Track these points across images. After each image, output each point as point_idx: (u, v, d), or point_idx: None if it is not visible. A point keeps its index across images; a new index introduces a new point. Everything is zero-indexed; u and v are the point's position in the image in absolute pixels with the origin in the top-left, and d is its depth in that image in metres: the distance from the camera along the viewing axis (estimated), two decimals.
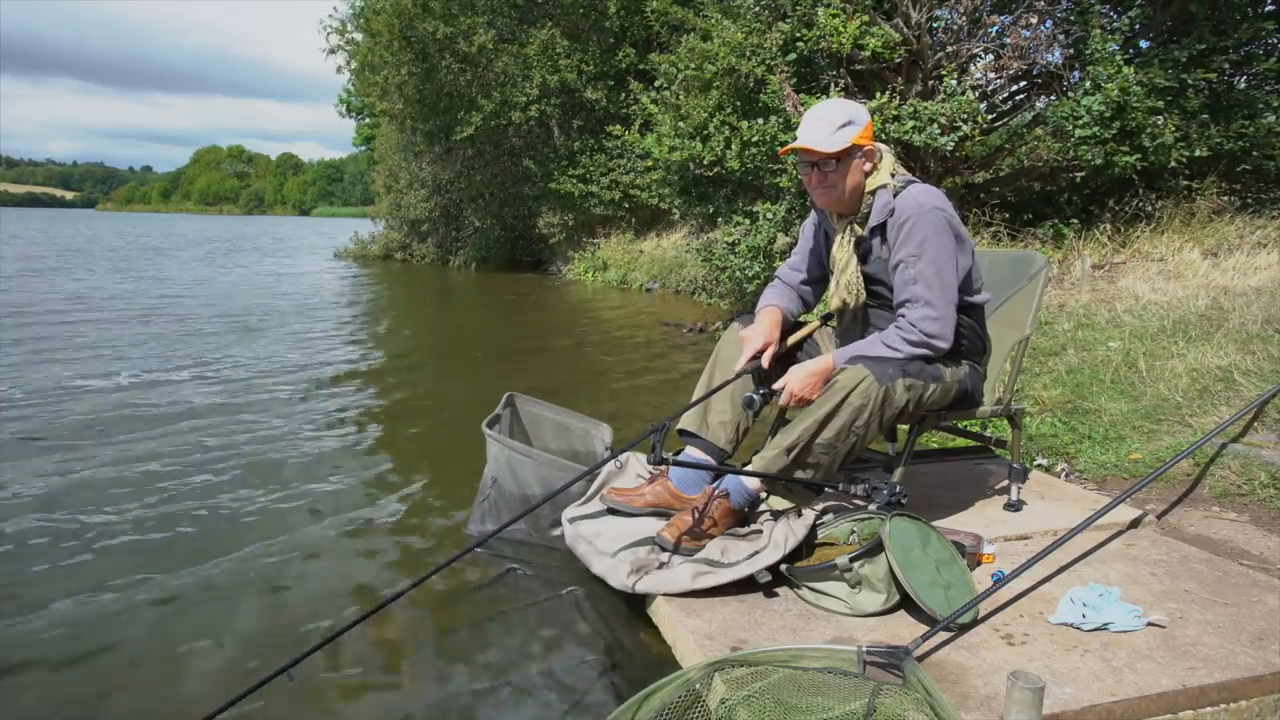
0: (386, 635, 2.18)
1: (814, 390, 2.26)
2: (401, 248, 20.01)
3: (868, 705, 1.45)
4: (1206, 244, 5.72)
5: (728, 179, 7.06)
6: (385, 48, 14.60)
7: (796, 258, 2.62)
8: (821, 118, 2.28)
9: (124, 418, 4.35)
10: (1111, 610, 1.93)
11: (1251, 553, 2.46)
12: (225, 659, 2.06)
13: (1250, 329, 3.91)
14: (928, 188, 2.29)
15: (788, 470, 2.21)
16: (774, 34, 6.31)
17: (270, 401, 4.82)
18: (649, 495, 2.47)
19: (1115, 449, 3.23)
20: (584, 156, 14.42)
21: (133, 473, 3.45)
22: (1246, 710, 1.70)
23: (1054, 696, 1.60)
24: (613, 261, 14.02)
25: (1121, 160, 5.75)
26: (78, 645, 2.12)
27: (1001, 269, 2.80)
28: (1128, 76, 5.49)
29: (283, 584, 2.48)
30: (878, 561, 1.97)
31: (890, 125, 5.80)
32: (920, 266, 2.23)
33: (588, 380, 5.80)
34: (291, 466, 3.61)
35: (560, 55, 13.95)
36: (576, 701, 1.89)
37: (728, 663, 1.61)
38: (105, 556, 2.63)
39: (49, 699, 1.90)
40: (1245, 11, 6.29)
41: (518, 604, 2.35)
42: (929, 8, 6.14)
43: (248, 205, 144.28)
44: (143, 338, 7.08)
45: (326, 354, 6.62)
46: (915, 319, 2.24)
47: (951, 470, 3.10)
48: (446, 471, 3.59)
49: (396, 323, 9.39)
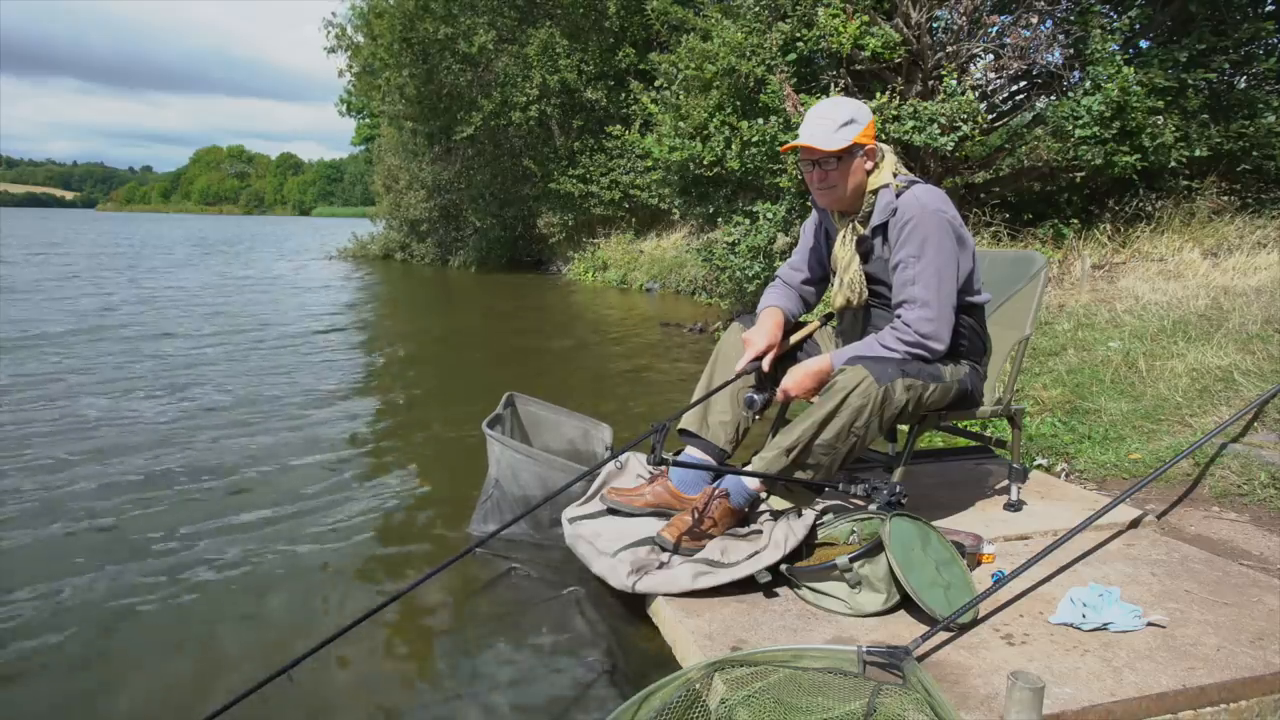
0: (387, 635, 2.19)
1: (810, 389, 2.26)
2: (401, 248, 20.01)
3: (868, 705, 1.45)
4: (1206, 244, 5.72)
5: (728, 179, 7.06)
6: (386, 49, 14.60)
7: (797, 258, 2.62)
8: (823, 116, 2.27)
9: (124, 417, 4.35)
10: (1111, 610, 1.93)
11: (1251, 553, 2.46)
12: (225, 659, 2.06)
13: (1250, 329, 3.91)
14: (930, 188, 2.29)
15: (788, 471, 2.21)
16: (774, 34, 6.31)
17: (269, 402, 4.82)
18: (649, 495, 2.47)
19: (1115, 449, 3.23)
20: (584, 156, 14.42)
21: (131, 473, 3.45)
22: (1246, 710, 1.70)
23: (1054, 696, 1.60)
24: (613, 261, 14.02)
25: (1121, 160, 5.75)
26: (77, 647, 2.12)
27: (1001, 269, 2.80)
28: (1128, 76, 5.49)
29: (282, 584, 2.48)
30: (878, 561, 1.97)
31: (890, 125, 5.80)
32: (920, 267, 2.23)
33: (588, 380, 5.80)
34: (291, 466, 3.61)
35: (560, 55, 13.94)
36: (576, 701, 1.89)
37: (728, 663, 1.61)
38: (104, 556, 2.63)
39: (48, 699, 1.90)
40: (1245, 11, 6.29)
41: (518, 604, 2.35)
42: (929, 8, 6.14)
43: (248, 205, 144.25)
44: (143, 338, 7.09)
45: (326, 354, 6.61)
46: (911, 320, 2.24)
47: (951, 470, 3.10)
48: (447, 471, 3.59)
49: (396, 323, 9.39)
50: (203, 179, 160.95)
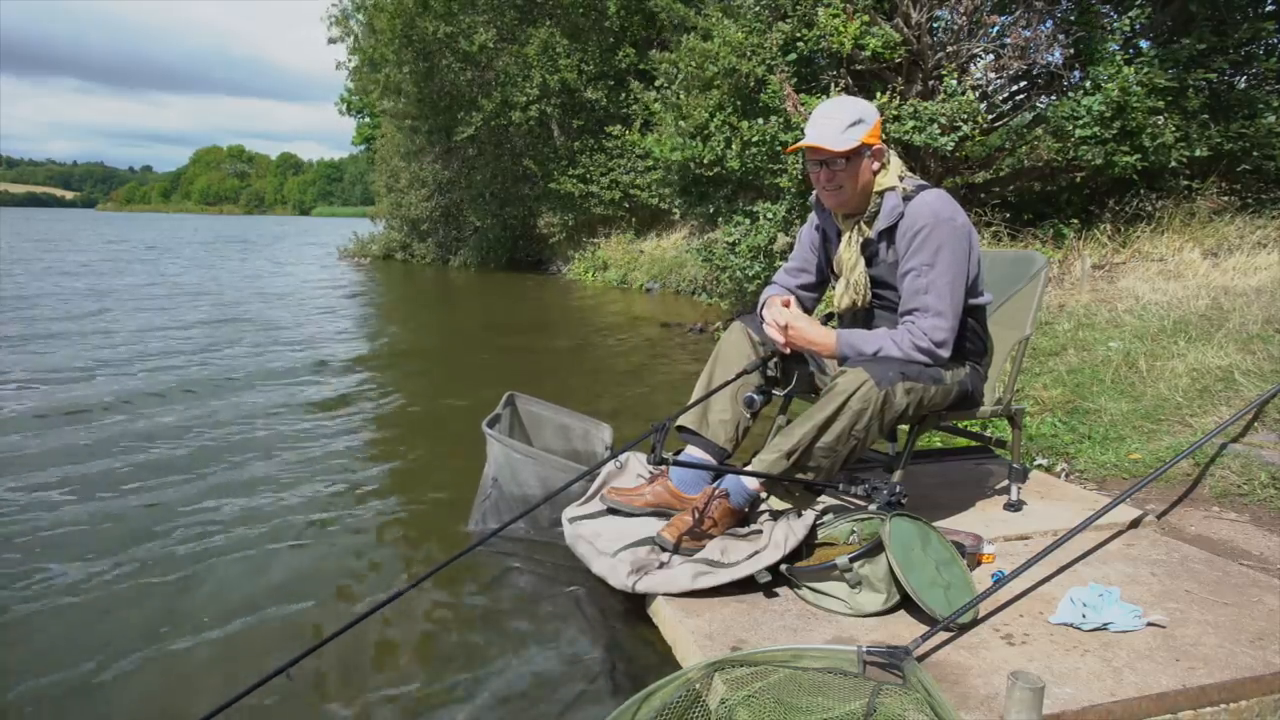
0: (386, 635, 2.19)
1: (800, 347, 2.37)
2: (402, 247, 20.01)
3: (868, 705, 1.45)
4: (1207, 244, 5.71)
5: (728, 179, 7.05)
6: (386, 45, 14.60)
7: (794, 262, 2.62)
8: (831, 116, 2.26)
9: (122, 418, 4.35)
10: (1111, 610, 1.93)
11: (1251, 553, 2.45)
12: (224, 658, 2.06)
13: (1250, 329, 3.91)
14: (941, 193, 2.29)
15: (788, 473, 2.21)
16: (774, 34, 6.31)
17: (269, 402, 4.82)
18: (649, 495, 2.47)
19: (1115, 449, 3.23)
20: (584, 156, 14.41)
21: (130, 471, 3.45)
22: (1246, 710, 1.70)
23: (1054, 696, 1.60)
24: (613, 261, 14.02)
25: (1122, 160, 5.74)
26: (77, 647, 2.12)
27: (1001, 269, 2.80)
28: (1128, 76, 5.49)
29: (282, 583, 2.48)
30: (878, 561, 1.97)
31: (890, 125, 5.80)
32: (933, 276, 2.23)
33: (588, 380, 5.80)
34: (291, 466, 3.61)
35: (560, 55, 13.94)
36: (577, 701, 1.89)
37: (728, 663, 1.61)
38: (103, 556, 2.63)
39: (47, 699, 1.90)
40: (1245, 11, 6.29)
41: (518, 604, 2.35)
42: (929, 8, 6.14)
43: (248, 205, 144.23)
44: (142, 337, 7.08)
45: (326, 354, 6.61)
46: (927, 328, 2.23)
47: (951, 470, 3.09)
48: (447, 471, 3.59)
49: (396, 322, 9.39)
50: (203, 179, 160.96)
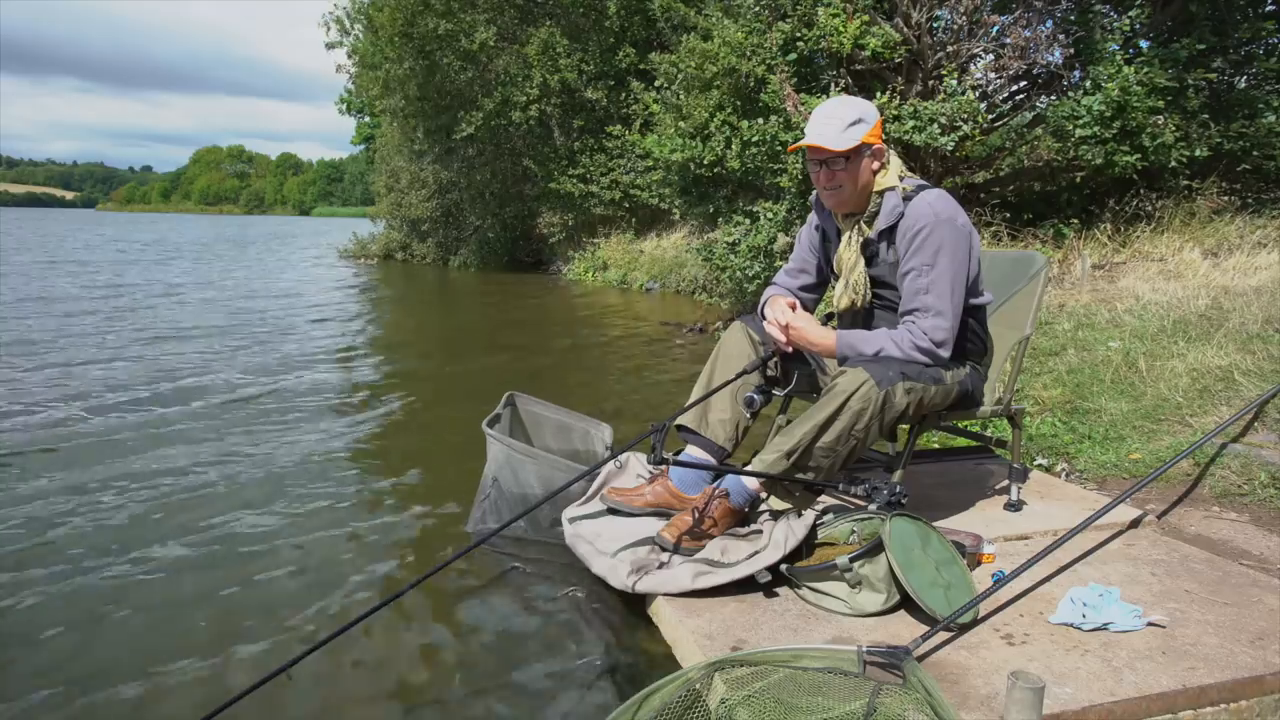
0: (386, 635, 2.19)
1: (800, 345, 2.37)
2: (402, 247, 20.01)
3: (868, 705, 1.45)
4: (1207, 244, 5.71)
5: (728, 179, 7.06)
6: (387, 43, 14.59)
7: (794, 263, 2.62)
8: (831, 115, 2.26)
9: (122, 417, 4.35)
10: (1111, 610, 1.93)
11: (1251, 553, 2.45)
12: (224, 658, 2.06)
13: (1250, 329, 3.91)
14: (941, 193, 2.29)
15: (788, 473, 2.21)
16: (774, 34, 6.32)
17: (269, 402, 4.82)
18: (649, 495, 2.47)
19: (1115, 449, 3.23)
20: (584, 156, 14.41)
21: (130, 472, 3.45)
22: (1246, 710, 1.70)
23: (1054, 696, 1.60)
24: (613, 261, 14.02)
25: (1122, 160, 5.75)
26: (76, 646, 2.12)
27: (1002, 269, 2.80)
28: (1128, 76, 5.49)
29: (282, 583, 2.48)
30: (878, 561, 1.97)
31: (890, 125, 5.80)
32: (933, 276, 2.23)
33: (588, 380, 5.80)
34: (290, 466, 3.60)
35: (560, 55, 13.93)
36: (576, 701, 1.89)
37: (728, 663, 1.61)
38: (103, 556, 2.63)
39: (46, 699, 1.90)
40: (1245, 11, 6.29)
41: (518, 604, 2.35)
42: (929, 8, 6.14)
43: (248, 205, 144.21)
44: (142, 339, 7.09)
45: (326, 354, 6.61)
46: (927, 328, 2.23)
47: (951, 470, 3.09)
48: (446, 471, 3.59)
49: (396, 322, 9.39)
50: (203, 179, 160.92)
